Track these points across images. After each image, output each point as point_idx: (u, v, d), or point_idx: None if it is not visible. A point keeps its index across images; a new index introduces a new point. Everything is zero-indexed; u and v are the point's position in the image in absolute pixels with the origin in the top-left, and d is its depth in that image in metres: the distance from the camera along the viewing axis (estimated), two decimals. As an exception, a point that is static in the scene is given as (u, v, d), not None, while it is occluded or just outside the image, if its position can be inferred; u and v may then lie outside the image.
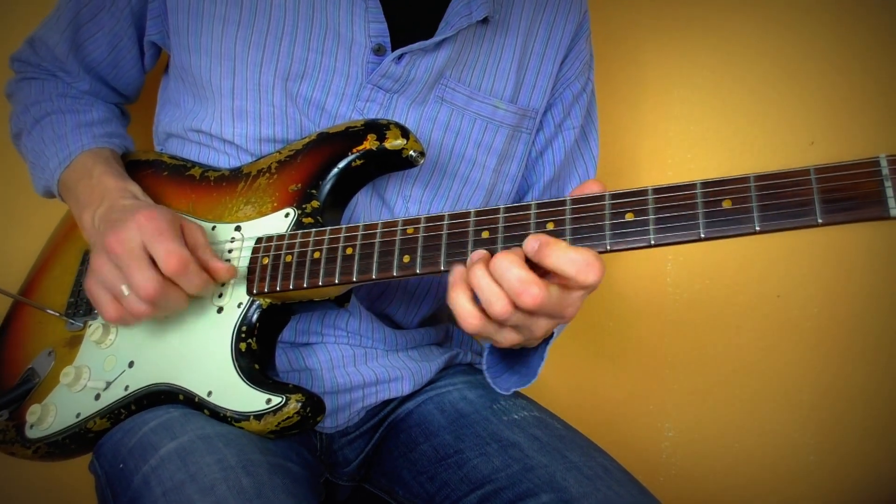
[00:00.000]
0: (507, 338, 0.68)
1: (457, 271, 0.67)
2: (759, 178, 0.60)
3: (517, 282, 0.62)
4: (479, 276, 0.64)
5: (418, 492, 0.88)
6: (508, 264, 0.63)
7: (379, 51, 0.88)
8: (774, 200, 0.60)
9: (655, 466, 1.33)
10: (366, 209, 0.90)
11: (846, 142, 1.22)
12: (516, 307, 0.63)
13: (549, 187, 1.01)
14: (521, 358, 0.85)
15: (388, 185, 0.91)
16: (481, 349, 1.06)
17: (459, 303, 0.65)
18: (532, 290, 0.61)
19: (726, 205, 0.61)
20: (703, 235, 0.62)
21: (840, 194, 0.58)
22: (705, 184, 0.63)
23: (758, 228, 0.60)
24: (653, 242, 0.63)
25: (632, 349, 1.34)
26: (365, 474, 0.97)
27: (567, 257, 0.62)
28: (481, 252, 0.67)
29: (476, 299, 0.65)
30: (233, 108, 0.89)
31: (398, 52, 0.87)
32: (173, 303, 0.77)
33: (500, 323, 0.66)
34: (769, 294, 1.30)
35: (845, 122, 1.23)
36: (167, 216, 0.79)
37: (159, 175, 0.94)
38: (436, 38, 0.88)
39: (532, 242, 0.64)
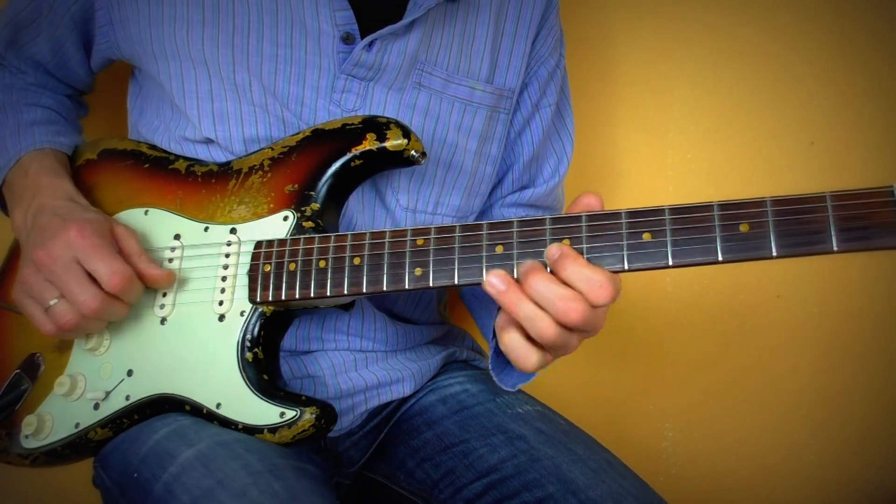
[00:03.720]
0: (546, 360, 0.69)
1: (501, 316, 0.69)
2: (776, 202, 0.61)
3: (559, 301, 0.63)
4: (524, 306, 0.65)
5: (421, 477, 0.90)
6: (547, 283, 0.64)
7: (348, 39, 0.86)
8: (791, 227, 0.61)
9: (655, 466, 1.34)
10: (358, 203, 0.89)
11: (846, 142, 1.23)
12: (561, 325, 0.64)
13: (527, 167, 1.02)
14: None
15: (377, 177, 0.89)
16: (474, 345, 1.07)
17: (516, 344, 0.68)
18: (576, 307, 0.63)
19: (743, 229, 0.62)
20: (720, 259, 0.63)
21: (856, 223, 0.59)
22: (722, 206, 0.63)
23: (774, 254, 0.61)
24: (671, 263, 0.64)
25: (632, 349, 1.34)
26: (366, 463, 0.99)
27: (582, 273, 0.63)
28: (503, 276, 0.67)
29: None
30: (213, 112, 0.86)
31: (368, 38, 0.85)
32: (114, 316, 0.79)
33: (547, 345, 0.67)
34: (769, 294, 1.30)
35: (845, 122, 1.23)
36: (98, 228, 0.79)
37: (139, 167, 0.90)
38: (405, 21, 0.86)
39: (554, 250, 0.65)
